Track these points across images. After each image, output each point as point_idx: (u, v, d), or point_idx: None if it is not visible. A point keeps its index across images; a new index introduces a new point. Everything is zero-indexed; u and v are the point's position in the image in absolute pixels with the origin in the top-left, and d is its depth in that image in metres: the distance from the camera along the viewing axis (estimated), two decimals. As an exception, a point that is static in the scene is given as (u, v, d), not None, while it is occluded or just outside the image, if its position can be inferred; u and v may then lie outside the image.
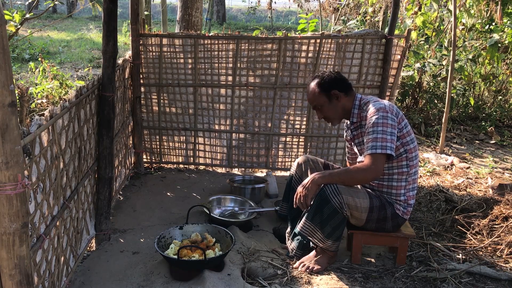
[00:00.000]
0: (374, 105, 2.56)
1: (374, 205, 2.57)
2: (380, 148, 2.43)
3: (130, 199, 3.64)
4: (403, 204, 2.63)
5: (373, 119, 2.50)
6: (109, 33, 2.72)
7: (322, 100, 2.67)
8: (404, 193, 2.63)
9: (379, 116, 2.48)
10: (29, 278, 1.64)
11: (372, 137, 2.47)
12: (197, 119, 4.19)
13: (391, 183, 2.62)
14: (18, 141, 1.50)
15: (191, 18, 6.66)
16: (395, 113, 2.54)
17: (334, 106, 2.68)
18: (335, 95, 2.65)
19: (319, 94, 2.66)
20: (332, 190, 2.51)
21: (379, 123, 2.47)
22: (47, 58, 8.24)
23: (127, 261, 2.71)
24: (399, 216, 2.63)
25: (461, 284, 2.54)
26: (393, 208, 2.61)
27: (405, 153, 2.57)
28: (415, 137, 2.66)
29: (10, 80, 1.42)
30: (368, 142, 2.48)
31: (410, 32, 3.93)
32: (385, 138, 2.44)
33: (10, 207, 1.51)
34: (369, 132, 2.50)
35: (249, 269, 2.62)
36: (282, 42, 3.85)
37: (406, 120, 2.62)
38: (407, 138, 2.57)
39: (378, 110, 2.51)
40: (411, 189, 2.65)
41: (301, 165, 2.98)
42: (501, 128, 6.10)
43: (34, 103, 5.25)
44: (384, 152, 2.43)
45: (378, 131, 2.46)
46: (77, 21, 19.55)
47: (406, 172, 2.60)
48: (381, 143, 2.44)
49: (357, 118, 2.69)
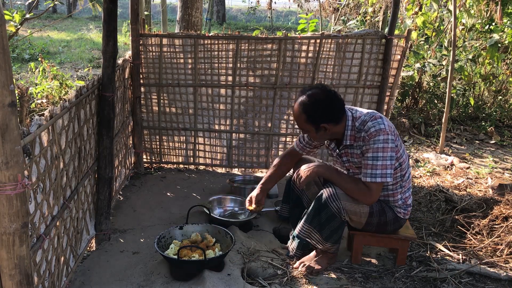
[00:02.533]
0: (374, 124, 2.42)
1: (374, 210, 2.56)
2: (380, 176, 2.40)
3: (130, 199, 3.64)
4: (402, 206, 2.63)
5: (373, 144, 2.39)
6: (109, 33, 2.72)
7: (308, 128, 2.49)
8: (400, 198, 2.62)
9: (381, 139, 2.38)
10: (29, 278, 1.64)
11: (373, 164, 2.40)
12: (197, 119, 4.19)
13: (387, 192, 2.60)
14: (18, 141, 1.50)
15: (191, 18, 6.66)
16: (393, 132, 2.46)
17: (321, 134, 2.52)
18: (323, 128, 2.46)
19: (306, 122, 2.46)
20: (330, 195, 2.50)
21: (379, 148, 2.38)
22: (47, 58, 8.24)
23: (127, 261, 2.71)
24: (400, 218, 2.63)
25: (461, 284, 2.54)
26: (393, 212, 2.61)
27: (399, 166, 2.54)
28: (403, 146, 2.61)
29: (10, 80, 1.42)
30: (367, 167, 2.42)
31: (410, 32, 3.93)
32: (385, 165, 2.39)
33: (10, 207, 1.51)
34: (369, 157, 2.41)
35: (249, 269, 2.62)
36: (282, 42, 3.85)
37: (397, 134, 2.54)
38: (400, 152, 2.52)
39: (378, 132, 2.39)
40: (406, 191, 2.65)
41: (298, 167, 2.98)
42: (501, 128, 6.10)
43: (34, 103, 5.24)
44: (384, 180, 2.41)
45: (379, 158, 2.39)
46: (77, 21, 19.55)
47: (400, 180, 2.59)
48: (381, 170, 2.39)
49: (351, 140, 2.51)
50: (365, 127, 2.44)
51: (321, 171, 2.58)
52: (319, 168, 2.59)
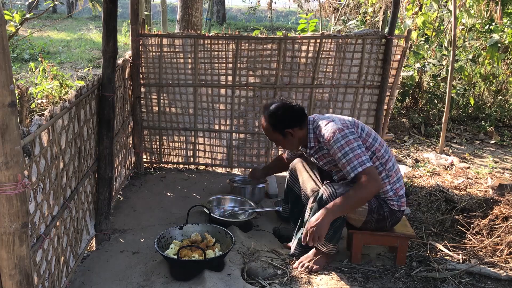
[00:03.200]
0: (326, 128, 2.56)
1: (372, 207, 2.59)
2: (359, 165, 2.44)
3: (130, 199, 3.64)
4: (394, 198, 2.65)
5: (335, 145, 2.49)
6: (109, 33, 2.72)
7: (276, 136, 2.71)
8: (390, 188, 2.64)
9: (339, 137, 2.49)
10: (29, 278, 1.64)
11: (346, 160, 2.46)
12: (197, 119, 4.19)
13: None
14: (18, 141, 1.50)
15: (191, 18, 6.66)
16: (349, 125, 2.56)
17: (290, 140, 2.72)
18: (289, 133, 2.67)
19: (273, 132, 2.69)
20: (330, 195, 2.52)
21: (343, 145, 2.47)
22: (47, 58, 8.23)
23: (127, 261, 2.71)
24: (396, 211, 2.65)
25: (461, 284, 2.54)
26: (387, 206, 2.63)
27: (374, 154, 2.59)
28: (376, 134, 2.68)
29: (10, 80, 1.42)
30: (345, 166, 2.48)
31: (410, 32, 3.93)
32: (357, 154, 2.45)
33: (10, 207, 1.51)
34: (341, 157, 2.49)
35: (249, 269, 2.62)
36: (282, 42, 3.85)
37: (361, 124, 2.66)
38: (369, 140, 2.59)
39: (334, 133, 2.51)
40: (396, 181, 2.66)
41: (295, 167, 3.03)
42: (501, 128, 6.10)
43: (34, 103, 5.24)
44: (364, 167, 2.43)
45: (347, 152, 2.46)
46: (77, 21, 19.55)
47: (383, 169, 2.61)
48: (357, 160, 2.44)
49: (314, 142, 2.68)
50: (321, 133, 2.60)
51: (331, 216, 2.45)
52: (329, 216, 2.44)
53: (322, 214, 2.45)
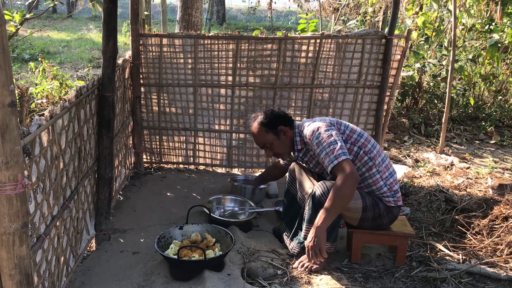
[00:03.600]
0: (307, 129, 2.65)
1: (367, 204, 2.61)
2: (335, 158, 2.47)
3: (130, 199, 3.64)
4: (389, 193, 2.65)
5: (314, 141, 2.57)
6: (109, 33, 2.72)
7: (270, 138, 2.75)
8: (384, 184, 2.65)
9: (316, 135, 2.56)
10: (29, 278, 1.64)
11: (324, 154, 2.51)
12: (197, 119, 4.19)
13: (367, 181, 2.65)
14: (18, 141, 1.50)
15: (191, 18, 6.66)
16: (328, 124, 2.61)
17: (283, 141, 2.76)
18: (282, 131, 2.73)
19: (266, 133, 2.74)
20: (323, 192, 2.54)
21: (320, 141, 2.54)
22: (47, 58, 8.22)
23: (127, 261, 2.71)
24: (393, 208, 2.66)
25: (461, 284, 2.54)
26: (383, 203, 2.64)
27: (360, 150, 2.63)
28: (362, 131, 2.71)
29: (10, 80, 1.42)
30: (324, 159, 2.53)
31: (410, 32, 3.93)
32: (333, 148, 2.49)
33: (10, 207, 1.51)
34: (319, 153, 2.56)
35: (249, 269, 2.62)
36: (282, 42, 3.85)
37: (345, 122, 2.72)
38: (354, 136, 2.64)
39: (312, 131, 2.59)
40: (388, 176, 2.67)
41: (294, 168, 3.03)
42: (501, 128, 6.10)
43: (34, 103, 5.24)
44: (340, 159, 2.45)
45: (324, 147, 2.52)
46: (77, 21, 19.55)
47: (373, 164, 2.63)
48: (334, 154, 2.48)
49: (301, 144, 2.77)
50: (303, 134, 2.70)
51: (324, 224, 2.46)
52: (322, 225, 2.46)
53: (313, 231, 2.48)
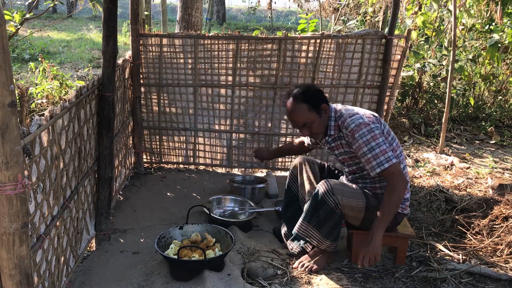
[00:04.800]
0: (352, 119, 2.48)
1: (371, 204, 2.57)
2: (386, 162, 2.41)
3: (130, 199, 3.64)
4: None
5: (361, 138, 2.43)
6: (109, 33, 2.72)
7: (313, 116, 2.55)
8: None
9: (365, 132, 2.43)
10: (29, 278, 1.64)
11: (373, 155, 2.42)
12: (197, 119, 4.19)
13: (383, 183, 2.60)
14: (18, 141, 1.50)
15: (191, 18, 6.67)
16: (374, 120, 2.50)
17: (323, 120, 2.59)
18: (324, 109, 2.57)
19: (309, 111, 2.54)
20: (326, 190, 2.52)
21: (369, 139, 2.42)
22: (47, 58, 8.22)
23: (127, 261, 2.71)
24: (398, 213, 2.63)
25: (461, 284, 2.54)
26: None
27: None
28: (394, 134, 2.66)
29: (10, 80, 1.42)
30: (370, 161, 2.43)
31: (410, 32, 3.93)
32: (383, 150, 2.41)
33: (10, 207, 1.51)
34: (365, 152, 2.43)
35: (249, 269, 2.62)
36: (282, 42, 3.85)
37: (383, 120, 2.63)
38: (389, 139, 2.57)
39: (359, 126, 2.44)
40: None
41: (297, 166, 3.00)
42: (501, 128, 6.10)
43: (34, 103, 5.24)
44: (391, 163, 2.41)
45: (374, 147, 2.41)
46: (77, 21, 19.55)
47: None
48: (383, 156, 2.41)
49: (334, 130, 2.61)
50: (345, 124, 2.52)
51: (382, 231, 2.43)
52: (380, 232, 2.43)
53: (372, 236, 2.41)
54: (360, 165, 2.63)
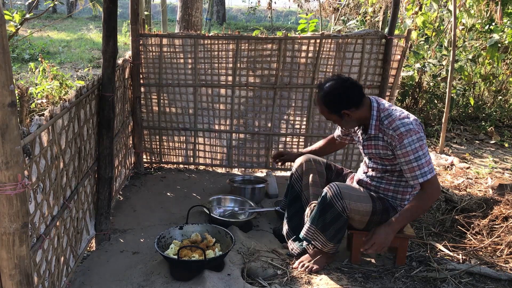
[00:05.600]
0: (403, 124, 2.42)
1: (376, 209, 2.57)
2: (429, 172, 2.41)
3: (130, 199, 3.64)
4: None
5: (410, 145, 2.39)
6: (109, 33, 2.72)
7: (333, 118, 2.59)
8: (408, 198, 2.62)
9: (415, 139, 2.39)
10: (29, 278, 1.64)
11: (418, 164, 2.40)
12: (197, 119, 4.19)
13: (398, 188, 2.60)
14: (18, 141, 1.50)
15: (191, 18, 6.67)
16: (422, 129, 2.49)
17: (347, 121, 2.59)
18: (345, 114, 2.53)
19: (330, 114, 2.58)
20: (334, 194, 2.51)
21: (417, 148, 2.39)
22: (47, 58, 8.23)
23: (127, 261, 2.71)
24: None
25: (461, 284, 2.54)
26: (396, 212, 2.60)
27: None
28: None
29: (10, 80, 1.42)
30: (414, 170, 2.41)
31: (410, 32, 3.93)
32: (428, 160, 2.41)
33: (10, 207, 1.51)
34: (411, 160, 2.40)
35: (249, 269, 2.62)
36: (282, 42, 3.85)
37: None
38: None
39: (409, 132, 2.39)
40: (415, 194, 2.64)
41: (302, 165, 2.95)
42: (501, 128, 6.10)
43: (34, 103, 5.24)
44: (433, 174, 2.42)
45: (421, 156, 2.39)
46: (77, 21, 19.55)
47: None
48: (427, 167, 2.41)
49: (375, 130, 2.54)
50: (393, 125, 2.45)
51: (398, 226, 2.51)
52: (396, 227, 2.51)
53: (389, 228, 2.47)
54: (385, 167, 2.60)
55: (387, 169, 2.59)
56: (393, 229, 2.50)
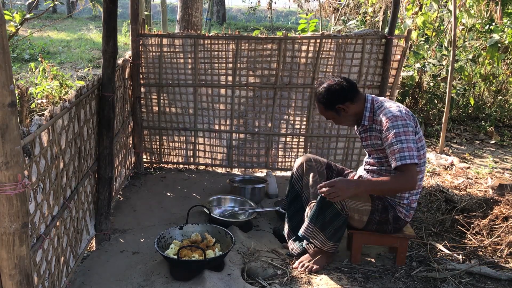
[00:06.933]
0: (390, 111, 2.49)
1: (376, 207, 2.58)
2: (409, 158, 2.38)
3: (130, 199, 3.64)
4: (405, 207, 2.62)
5: (394, 129, 2.43)
6: (109, 33, 2.72)
7: (330, 115, 2.66)
8: (408, 197, 2.62)
9: (400, 124, 2.42)
10: (29, 278, 1.64)
11: (399, 147, 2.40)
12: (197, 119, 4.19)
13: None
14: (18, 141, 1.50)
15: (191, 18, 6.67)
16: (411, 119, 2.50)
17: (344, 117, 2.64)
18: (341, 109, 2.60)
19: (326, 111, 2.65)
20: None
21: (401, 132, 2.41)
22: (47, 58, 8.23)
23: (127, 261, 2.71)
24: (400, 219, 2.63)
25: (461, 284, 2.54)
26: (395, 211, 2.61)
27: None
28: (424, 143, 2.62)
29: (10, 80, 1.42)
30: (394, 152, 2.42)
31: (410, 32, 3.93)
32: (410, 146, 2.40)
33: (10, 207, 1.51)
34: (393, 143, 2.42)
35: (249, 269, 2.62)
36: (282, 42, 3.85)
37: (419, 125, 2.60)
38: (418, 144, 2.53)
39: (396, 117, 2.44)
40: (415, 194, 2.64)
41: (302, 164, 2.96)
42: (501, 128, 6.10)
43: (34, 103, 5.24)
44: (413, 161, 2.39)
45: (403, 141, 2.40)
46: (77, 21, 19.55)
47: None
48: (408, 152, 2.39)
49: (368, 121, 2.62)
50: (383, 112, 2.52)
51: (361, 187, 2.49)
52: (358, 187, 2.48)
53: (353, 182, 2.49)
54: (381, 160, 2.62)
55: (383, 161, 2.61)
56: (357, 186, 2.46)
